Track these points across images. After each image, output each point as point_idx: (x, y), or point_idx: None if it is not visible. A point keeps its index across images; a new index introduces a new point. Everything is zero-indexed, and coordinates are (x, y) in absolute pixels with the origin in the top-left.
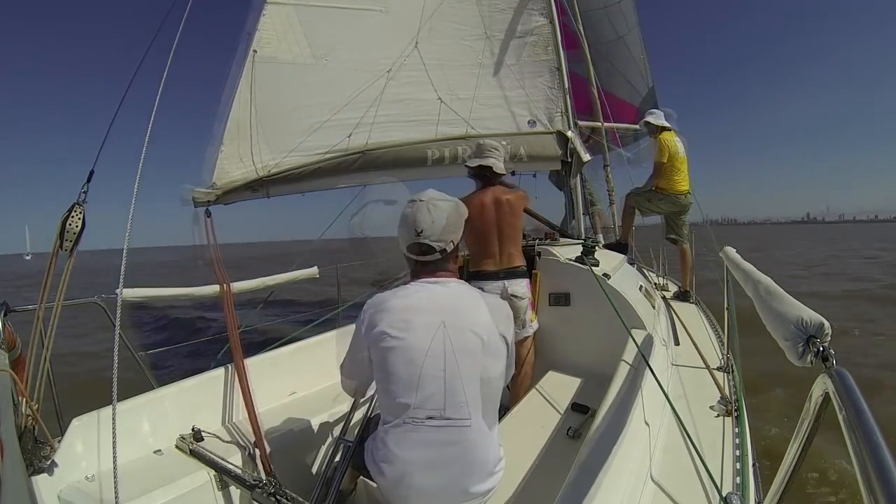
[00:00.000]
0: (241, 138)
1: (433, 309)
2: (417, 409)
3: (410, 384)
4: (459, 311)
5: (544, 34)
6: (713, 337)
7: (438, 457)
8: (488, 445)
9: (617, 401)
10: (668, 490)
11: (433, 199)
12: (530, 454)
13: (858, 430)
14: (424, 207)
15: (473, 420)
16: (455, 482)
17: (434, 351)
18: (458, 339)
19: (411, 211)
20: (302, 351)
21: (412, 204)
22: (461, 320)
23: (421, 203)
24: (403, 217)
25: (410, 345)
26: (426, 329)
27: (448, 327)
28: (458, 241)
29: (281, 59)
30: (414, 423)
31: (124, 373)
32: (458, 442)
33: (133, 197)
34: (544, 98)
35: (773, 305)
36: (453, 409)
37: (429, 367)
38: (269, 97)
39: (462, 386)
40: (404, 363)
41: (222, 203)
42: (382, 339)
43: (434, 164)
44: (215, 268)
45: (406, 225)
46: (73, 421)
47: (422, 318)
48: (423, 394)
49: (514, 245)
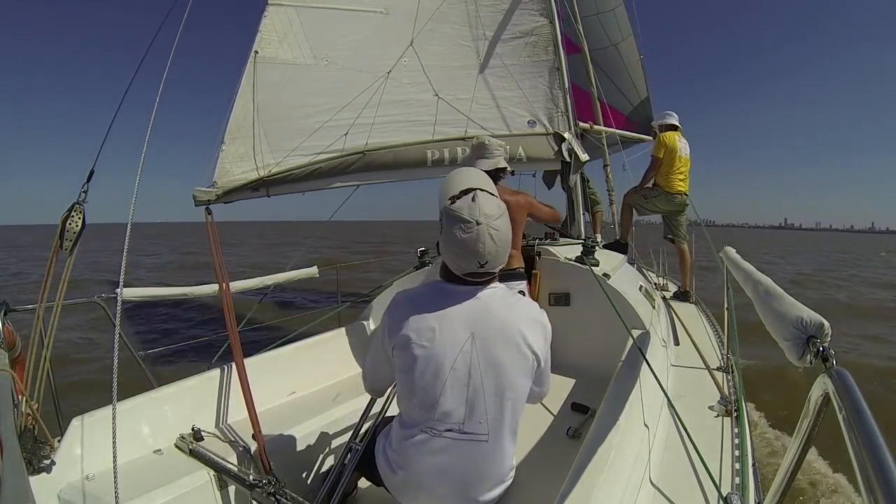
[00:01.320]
0: (242, 138)
1: (463, 320)
2: (437, 420)
3: (433, 396)
4: (489, 324)
5: (544, 34)
6: (713, 337)
7: (452, 467)
8: (503, 458)
9: (617, 401)
10: (667, 490)
11: (491, 220)
12: (530, 454)
13: (858, 430)
14: (486, 233)
15: (492, 436)
16: (465, 491)
17: (459, 364)
18: (486, 354)
19: (470, 238)
20: (302, 351)
21: (468, 228)
22: (490, 333)
23: (480, 228)
24: (460, 244)
25: (435, 355)
26: (453, 341)
27: (477, 340)
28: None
29: (282, 59)
30: (431, 433)
31: (124, 373)
32: (474, 455)
33: (133, 197)
34: (544, 98)
35: (773, 305)
36: (473, 425)
37: (452, 381)
38: (270, 97)
39: (484, 402)
40: (428, 374)
41: (223, 202)
42: (408, 344)
43: (434, 165)
44: (215, 267)
45: (465, 254)
46: (73, 421)
47: (450, 328)
48: (444, 407)
49: (513, 247)
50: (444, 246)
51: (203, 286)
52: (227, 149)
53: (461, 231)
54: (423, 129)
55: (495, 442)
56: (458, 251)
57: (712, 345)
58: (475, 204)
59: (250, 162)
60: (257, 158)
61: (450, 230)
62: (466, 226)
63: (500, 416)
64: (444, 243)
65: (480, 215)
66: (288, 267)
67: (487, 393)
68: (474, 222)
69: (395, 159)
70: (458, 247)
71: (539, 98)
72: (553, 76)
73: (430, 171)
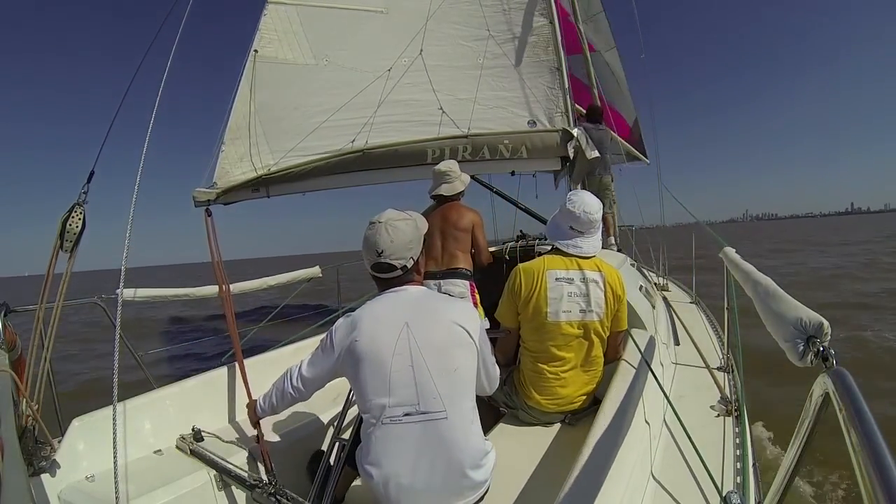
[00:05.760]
0: (242, 138)
1: (396, 313)
2: (394, 406)
3: (383, 383)
4: (420, 311)
5: (544, 34)
6: (713, 337)
7: (421, 454)
8: (469, 437)
9: (617, 401)
10: (668, 489)
11: (391, 220)
12: (530, 454)
13: (858, 430)
14: (383, 229)
15: (449, 412)
16: (442, 478)
17: (400, 349)
18: (422, 336)
19: (371, 233)
20: (302, 351)
21: (372, 226)
22: (422, 319)
23: (379, 224)
24: (365, 239)
25: (377, 346)
26: (390, 331)
27: (411, 327)
28: (417, 255)
29: (281, 59)
30: (392, 422)
31: (125, 373)
32: (438, 436)
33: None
34: (544, 98)
35: (773, 306)
36: (427, 403)
37: (397, 365)
38: (270, 97)
39: (431, 378)
40: (374, 364)
41: (223, 202)
42: (352, 346)
43: (434, 163)
44: (215, 268)
45: (367, 247)
46: (73, 421)
47: (386, 321)
48: (397, 391)
49: (457, 251)
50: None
51: (203, 287)
52: (226, 149)
53: (367, 230)
54: (424, 129)
55: (455, 418)
56: (364, 246)
57: (713, 344)
58: (381, 213)
59: (249, 162)
60: (256, 159)
61: (363, 238)
62: (370, 225)
63: (451, 392)
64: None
65: (382, 218)
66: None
67: (433, 371)
68: (376, 222)
69: (396, 157)
70: (364, 243)
71: (539, 98)
72: (553, 76)
73: (431, 169)
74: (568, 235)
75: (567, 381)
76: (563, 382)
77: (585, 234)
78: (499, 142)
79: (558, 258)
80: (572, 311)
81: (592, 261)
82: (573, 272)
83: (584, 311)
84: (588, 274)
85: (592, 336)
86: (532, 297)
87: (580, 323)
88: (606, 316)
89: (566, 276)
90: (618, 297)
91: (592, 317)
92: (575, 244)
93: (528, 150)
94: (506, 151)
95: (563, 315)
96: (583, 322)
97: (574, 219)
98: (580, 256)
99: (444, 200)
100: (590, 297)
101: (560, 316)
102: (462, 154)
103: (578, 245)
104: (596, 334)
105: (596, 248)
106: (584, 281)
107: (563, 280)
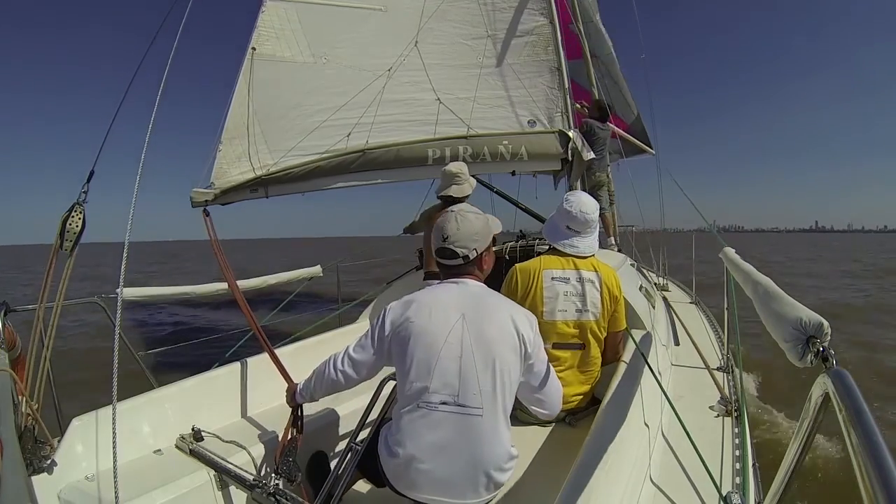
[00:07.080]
0: (240, 137)
1: (454, 303)
2: (433, 392)
3: (428, 367)
4: (479, 306)
5: (544, 34)
6: (713, 337)
7: (448, 443)
8: (500, 440)
9: (617, 401)
10: (668, 489)
11: (463, 211)
12: (530, 454)
13: (858, 430)
14: (454, 217)
15: (486, 411)
16: (463, 471)
17: (452, 339)
18: (475, 330)
19: (442, 220)
20: (302, 351)
21: (445, 214)
22: (480, 313)
23: (452, 213)
24: (435, 226)
25: (430, 330)
26: (446, 319)
27: (467, 320)
28: (482, 250)
29: (279, 57)
30: (428, 407)
31: (124, 373)
32: (469, 431)
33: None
34: (544, 98)
35: (773, 306)
36: (466, 397)
37: (446, 353)
38: (268, 96)
39: (477, 375)
40: (423, 346)
41: (220, 203)
42: (405, 325)
43: (435, 164)
44: (221, 266)
45: (436, 232)
46: (73, 421)
47: (443, 309)
48: (439, 378)
49: None
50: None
51: (204, 285)
52: (224, 149)
53: (440, 219)
54: (424, 129)
55: (490, 418)
56: (435, 230)
57: (712, 345)
58: (459, 205)
59: (248, 162)
60: (255, 158)
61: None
62: (445, 214)
63: (492, 391)
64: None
65: (456, 208)
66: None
67: (479, 367)
68: (450, 211)
69: (396, 158)
70: (434, 230)
71: (539, 97)
72: (553, 76)
73: (431, 169)
74: (565, 235)
75: (563, 380)
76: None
77: (582, 234)
78: (499, 143)
79: (555, 258)
80: (568, 311)
81: (589, 261)
82: (569, 272)
83: (580, 311)
84: (584, 274)
85: (588, 336)
86: (528, 296)
87: (576, 322)
88: (603, 316)
89: (562, 276)
90: (614, 297)
91: (588, 316)
92: (572, 244)
93: (528, 152)
94: (506, 153)
95: (558, 314)
96: (579, 322)
97: (571, 218)
98: (577, 256)
99: (452, 202)
100: (586, 296)
101: (556, 315)
102: (462, 155)
103: (575, 245)
104: (592, 334)
105: (593, 247)
106: (580, 281)
107: (559, 279)
